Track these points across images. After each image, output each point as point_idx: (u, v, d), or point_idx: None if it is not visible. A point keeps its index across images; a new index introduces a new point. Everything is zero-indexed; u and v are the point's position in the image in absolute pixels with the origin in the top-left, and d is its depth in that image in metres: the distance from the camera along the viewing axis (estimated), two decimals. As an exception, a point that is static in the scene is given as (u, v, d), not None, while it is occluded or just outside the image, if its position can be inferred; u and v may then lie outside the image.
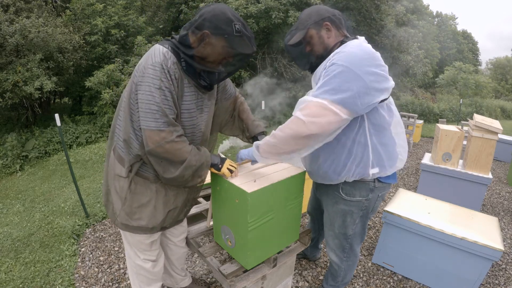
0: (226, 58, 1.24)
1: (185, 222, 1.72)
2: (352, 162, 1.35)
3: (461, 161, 3.45)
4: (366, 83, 1.17)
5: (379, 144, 1.34)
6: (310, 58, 1.40)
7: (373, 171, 1.36)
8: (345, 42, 1.32)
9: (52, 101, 8.87)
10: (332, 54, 1.29)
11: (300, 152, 1.29)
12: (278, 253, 1.61)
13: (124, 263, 2.36)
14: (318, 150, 1.35)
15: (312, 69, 1.42)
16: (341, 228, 1.57)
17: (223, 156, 1.45)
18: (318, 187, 1.67)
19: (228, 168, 1.38)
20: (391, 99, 1.38)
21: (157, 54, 1.18)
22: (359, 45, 1.26)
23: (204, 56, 1.22)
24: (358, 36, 1.38)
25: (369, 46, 1.30)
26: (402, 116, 6.47)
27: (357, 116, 1.27)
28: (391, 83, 1.28)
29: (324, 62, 1.32)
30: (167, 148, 1.20)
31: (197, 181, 1.36)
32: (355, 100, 1.17)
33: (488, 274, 2.31)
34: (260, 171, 1.52)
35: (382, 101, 1.27)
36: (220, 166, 1.38)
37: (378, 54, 1.27)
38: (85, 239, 2.71)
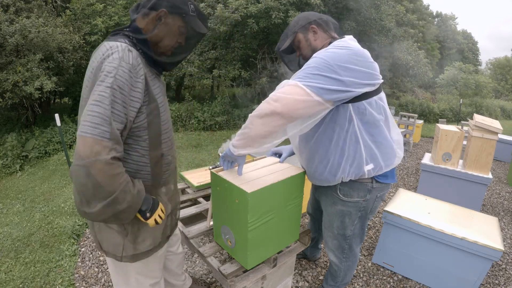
0: (181, 39, 1.15)
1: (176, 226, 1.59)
2: (346, 162, 1.36)
3: (461, 161, 3.45)
4: (339, 75, 1.17)
5: (371, 142, 1.34)
6: (300, 61, 1.44)
7: (368, 168, 1.36)
8: (333, 42, 1.33)
9: (52, 101, 8.87)
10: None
11: (273, 137, 1.25)
12: (278, 253, 1.61)
13: (124, 263, 2.36)
14: (313, 151, 1.39)
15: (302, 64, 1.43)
16: (340, 229, 1.57)
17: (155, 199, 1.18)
18: (316, 188, 1.67)
19: (155, 219, 1.13)
20: (381, 97, 1.36)
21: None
22: (344, 41, 1.29)
23: (159, 39, 1.11)
24: (346, 36, 1.38)
25: (355, 43, 1.31)
26: (402, 116, 6.47)
27: (346, 114, 1.29)
28: (376, 80, 1.27)
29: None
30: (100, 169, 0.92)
31: (112, 222, 1.08)
32: (327, 88, 1.16)
33: (488, 274, 2.31)
34: (260, 171, 1.52)
35: (370, 97, 1.28)
36: (148, 215, 1.11)
37: (363, 51, 1.28)
38: (85, 239, 2.71)
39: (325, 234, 1.70)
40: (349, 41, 1.31)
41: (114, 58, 0.97)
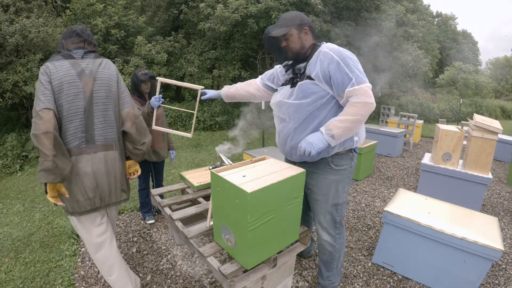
0: None
1: None
2: None
3: (461, 161, 3.45)
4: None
5: None
6: (286, 52, 1.62)
7: (356, 139, 1.68)
8: (318, 45, 1.61)
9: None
10: (319, 53, 1.56)
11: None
12: (278, 253, 1.62)
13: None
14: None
15: (288, 58, 1.66)
16: (334, 198, 1.75)
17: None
18: (307, 170, 1.75)
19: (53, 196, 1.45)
20: None
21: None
22: (334, 45, 1.60)
23: None
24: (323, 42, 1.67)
25: None
26: (402, 116, 6.47)
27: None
28: None
29: (315, 59, 1.57)
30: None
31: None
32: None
33: (488, 274, 2.31)
34: (260, 171, 1.52)
35: None
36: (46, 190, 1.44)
37: None
38: (85, 239, 2.71)
39: (319, 213, 1.81)
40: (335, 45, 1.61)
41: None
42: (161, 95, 2.33)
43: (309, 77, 1.58)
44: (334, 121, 1.49)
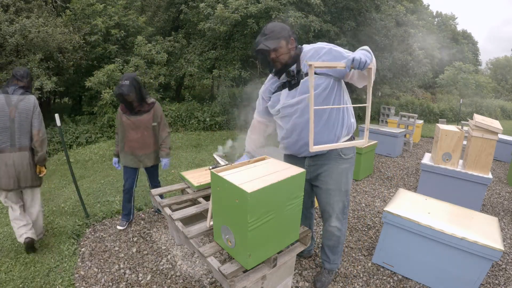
0: None
1: None
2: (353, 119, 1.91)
3: (461, 161, 3.45)
4: None
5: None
6: (277, 62, 1.72)
7: (352, 120, 1.88)
8: (300, 48, 1.77)
9: (52, 101, 8.87)
10: (304, 53, 1.74)
11: None
12: (278, 253, 1.61)
13: (124, 262, 2.37)
14: (333, 119, 1.76)
15: (275, 70, 1.77)
16: (346, 185, 1.89)
17: None
18: (317, 164, 1.89)
19: None
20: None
21: None
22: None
23: None
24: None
25: None
26: (402, 116, 6.47)
27: (343, 89, 1.82)
28: None
29: (306, 56, 1.72)
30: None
31: None
32: None
33: (488, 274, 2.31)
34: (260, 171, 1.52)
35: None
36: None
37: None
38: (85, 239, 2.71)
39: (332, 202, 1.91)
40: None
41: None
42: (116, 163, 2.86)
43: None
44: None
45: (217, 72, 7.83)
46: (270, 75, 1.90)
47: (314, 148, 1.53)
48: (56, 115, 2.74)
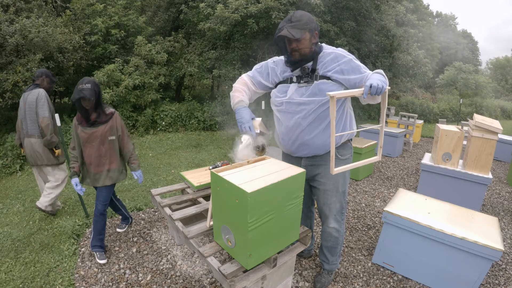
0: None
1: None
2: (350, 126, 1.87)
3: (461, 161, 3.45)
4: None
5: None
6: (297, 53, 1.68)
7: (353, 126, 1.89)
8: (320, 46, 1.75)
9: (52, 101, 8.84)
10: (325, 54, 1.72)
11: None
12: (278, 253, 1.61)
13: (124, 262, 2.37)
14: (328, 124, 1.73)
15: (292, 60, 1.72)
16: (343, 186, 1.90)
17: None
18: (314, 164, 1.88)
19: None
20: None
21: None
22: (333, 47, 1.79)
23: None
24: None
25: None
26: (402, 116, 6.47)
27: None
28: None
29: (324, 59, 1.70)
30: None
31: None
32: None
33: (488, 274, 2.31)
34: (260, 171, 1.52)
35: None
36: None
37: None
38: (85, 239, 2.71)
39: (330, 203, 1.90)
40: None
41: None
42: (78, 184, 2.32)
43: (324, 77, 1.68)
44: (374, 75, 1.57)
45: (217, 72, 7.83)
46: (283, 62, 1.82)
47: (335, 171, 1.55)
48: (56, 115, 2.75)
